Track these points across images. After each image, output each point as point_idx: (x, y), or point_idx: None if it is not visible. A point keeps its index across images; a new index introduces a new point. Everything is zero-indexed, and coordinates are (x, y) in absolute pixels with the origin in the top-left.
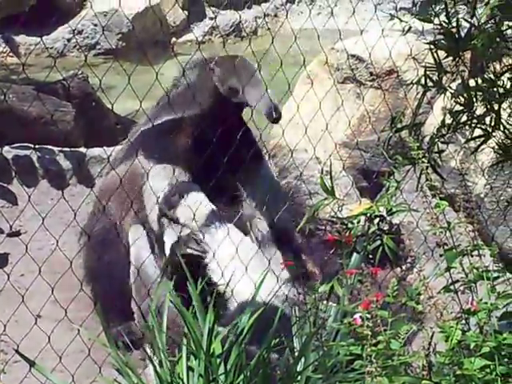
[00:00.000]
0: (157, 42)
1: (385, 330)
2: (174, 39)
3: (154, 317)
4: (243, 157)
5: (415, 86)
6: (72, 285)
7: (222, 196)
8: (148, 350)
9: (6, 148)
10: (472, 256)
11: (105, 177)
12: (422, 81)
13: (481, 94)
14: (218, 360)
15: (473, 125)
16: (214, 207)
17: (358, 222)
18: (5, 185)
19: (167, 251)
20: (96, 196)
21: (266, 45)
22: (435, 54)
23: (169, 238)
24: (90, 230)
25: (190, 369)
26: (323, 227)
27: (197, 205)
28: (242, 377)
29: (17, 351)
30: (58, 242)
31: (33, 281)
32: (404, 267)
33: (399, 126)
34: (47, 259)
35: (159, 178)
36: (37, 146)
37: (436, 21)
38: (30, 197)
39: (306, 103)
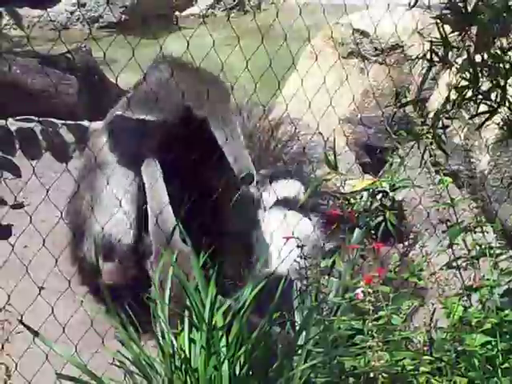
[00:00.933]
0: (160, 16)
1: (386, 306)
2: (177, 13)
3: (156, 288)
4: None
5: (420, 61)
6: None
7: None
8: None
9: (10, 120)
10: (475, 233)
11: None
12: (428, 56)
13: (487, 69)
14: (220, 333)
15: (478, 101)
16: None
17: (361, 198)
18: (8, 157)
19: None
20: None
21: (270, 19)
22: (441, 29)
23: None
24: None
25: (191, 341)
26: (326, 202)
27: None
28: (243, 349)
29: (20, 321)
30: (62, 214)
31: (36, 252)
32: (406, 243)
33: (403, 101)
34: (51, 231)
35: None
36: (40, 119)
37: None
38: (34, 169)
39: (310, 78)
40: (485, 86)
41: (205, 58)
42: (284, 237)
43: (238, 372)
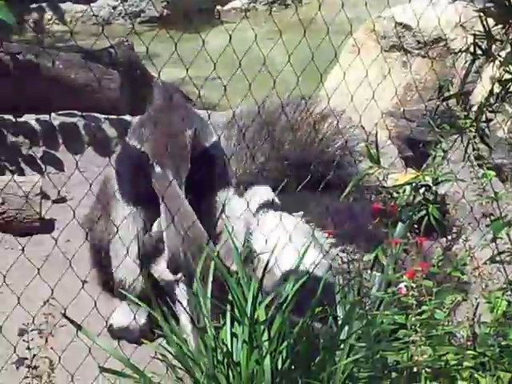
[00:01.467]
0: (202, 10)
1: (429, 300)
2: (219, 7)
3: (199, 283)
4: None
5: (463, 54)
6: None
7: None
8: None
9: (53, 115)
10: None
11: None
12: (471, 49)
13: None
14: (262, 327)
15: None
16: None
17: (404, 192)
18: (52, 152)
19: None
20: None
21: (312, 13)
22: (484, 22)
23: None
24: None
25: (233, 335)
26: (368, 196)
27: None
28: (285, 344)
29: (64, 315)
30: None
31: (79, 247)
32: (449, 237)
33: (446, 94)
34: (93, 225)
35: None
36: (83, 114)
37: None
38: (77, 163)
39: (352, 71)
40: None
41: (247, 53)
42: (327, 232)
43: (280, 366)
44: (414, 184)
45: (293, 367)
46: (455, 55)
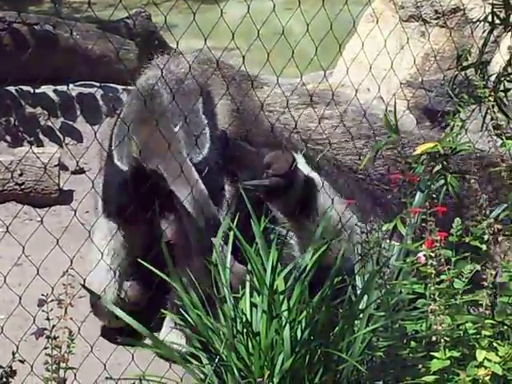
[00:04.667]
0: None
1: (448, 269)
2: None
3: (217, 254)
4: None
5: (481, 23)
6: None
7: None
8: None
9: (71, 86)
10: None
11: None
12: (489, 18)
13: None
14: (281, 297)
15: None
16: None
17: (422, 162)
18: (70, 122)
19: None
20: None
21: None
22: None
23: None
24: None
25: (253, 305)
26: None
27: None
28: (304, 313)
29: (83, 286)
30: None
31: (97, 218)
32: (468, 206)
33: (465, 64)
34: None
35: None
36: (101, 84)
37: None
38: (95, 134)
39: (370, 42)
40: None
41: (265, 23)
42: (346, 199)
43: (299, 336)
44: (432, 154)
45: (312, 337)
46: (473, 25)
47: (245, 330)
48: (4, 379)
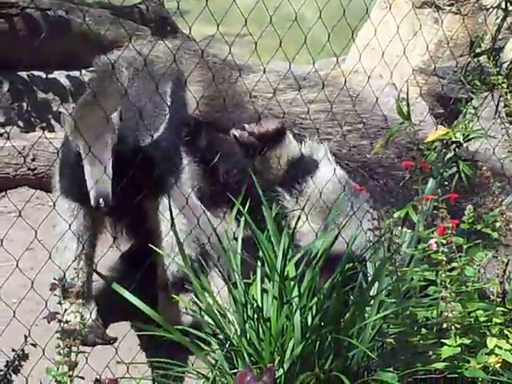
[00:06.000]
0: None
1: (460, 257)
2: None
3: (229, 240)
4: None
5: (495, 10)
6: None
7: None
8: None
9: (83, 71)
10: None
11: None
12: (503, 5)
13: None
14: (292, 283)
15: None
16: None
17: (435, 149)
18: None
19: None
20: None
21: None
22: None
23: None
24: None
25: (264, 291)
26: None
27: None
28: (315, 300)
29: (94, 270)
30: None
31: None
32: (480, 194)
33: (478, 51)
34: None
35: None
36: None
37: None
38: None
39: (383, 28)
40: None
41: (277, 9)
42: (357, 187)
43: (309, 322)
44: (444, 141)
45: (322, 323)
46: (487, 11)
47: (255, 316)
48: (16, 362)
